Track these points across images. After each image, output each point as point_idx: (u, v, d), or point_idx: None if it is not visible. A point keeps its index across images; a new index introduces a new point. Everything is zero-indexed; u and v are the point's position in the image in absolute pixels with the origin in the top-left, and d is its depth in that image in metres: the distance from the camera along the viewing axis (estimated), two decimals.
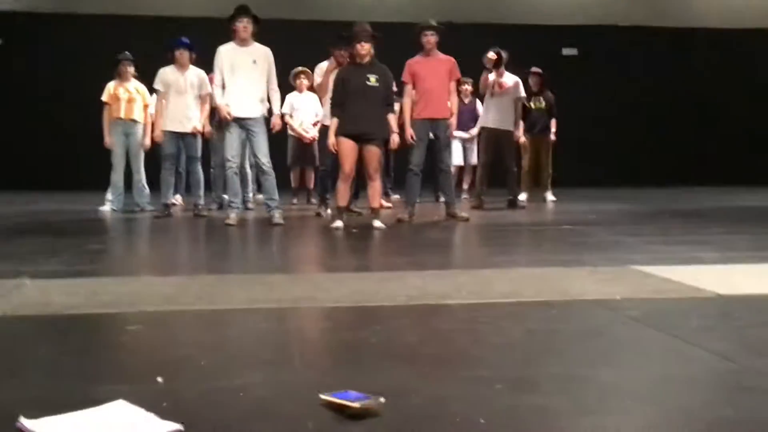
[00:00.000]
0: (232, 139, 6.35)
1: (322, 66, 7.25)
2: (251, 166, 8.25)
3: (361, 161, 6.03)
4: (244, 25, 6.27)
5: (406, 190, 6.86)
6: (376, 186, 6.07)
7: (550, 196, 9.20)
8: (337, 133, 5.92)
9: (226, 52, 6.35)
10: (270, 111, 6.57)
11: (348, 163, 5.94)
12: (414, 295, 3.16)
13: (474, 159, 9.87)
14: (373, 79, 5.89)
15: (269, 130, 6.54)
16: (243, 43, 6.33)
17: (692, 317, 2.75)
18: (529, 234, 6.07)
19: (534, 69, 8.90)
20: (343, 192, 6.10)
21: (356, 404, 1.70)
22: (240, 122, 6.32)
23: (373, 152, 5.94)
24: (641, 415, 1.74)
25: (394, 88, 6.21)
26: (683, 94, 13.82)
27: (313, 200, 8.60)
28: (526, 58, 9.13)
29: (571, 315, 2.83)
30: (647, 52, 13.75)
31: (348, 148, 5.90)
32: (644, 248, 4.76)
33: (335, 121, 5.95)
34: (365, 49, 5.91)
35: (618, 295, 3.14)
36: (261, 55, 6.35)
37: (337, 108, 5.96)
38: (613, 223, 6.54)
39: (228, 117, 6.25)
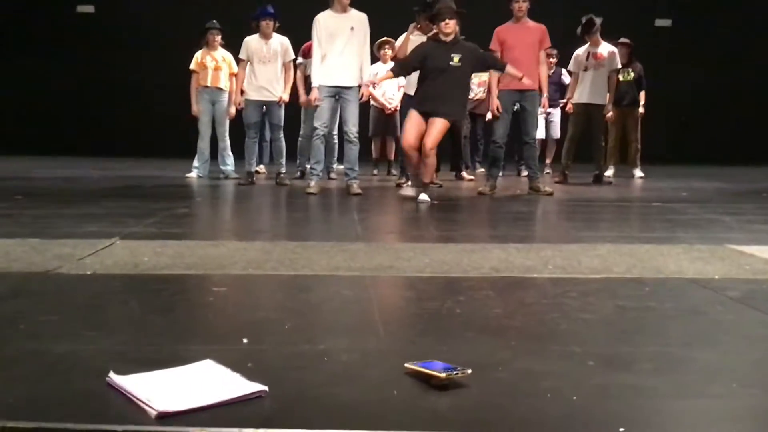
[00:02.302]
0: (324, 107, 6.31)
1: None
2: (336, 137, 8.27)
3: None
4: None
5: (488, 163, 6.73)
6: (429, 162, 5.84)
7: (638, 172, 8.87)
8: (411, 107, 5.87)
9: (324, 20, 6.25)
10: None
11: (411, 133, 5.80)
12: (498, 267, 3.08)
13: (556, 132, 9.61)
14: (456, 59, 5.74)
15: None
16: (341, 9, 6.27)
17: None
18: (617, 210, 5.86)
19: (622, 40, 8.54)
20: (416, 162, 5.94)
21: (442, 374, 1.66)
22: (335, 90, 6.29)
23: (436, 124, 5.72)
24: (747, 399, 1.63)
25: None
26: None
27: (394, 171, 8.56)
28: (617, 29, 8.78)
29: (665, 293, 2.69)
30: (745, 24, 13.02)
31: (415, 118, 5.80)
32: (742, 227, 4.52)
33: (390, 74, 6.20)
34: (450, 27, 5.75)
35: (716, 274, 2.98)
36: (359, 22, 6.25)
37: (398, 66, 6.13)
38: (708, 200, 6.25)
39: (317, 102, 6.23)
